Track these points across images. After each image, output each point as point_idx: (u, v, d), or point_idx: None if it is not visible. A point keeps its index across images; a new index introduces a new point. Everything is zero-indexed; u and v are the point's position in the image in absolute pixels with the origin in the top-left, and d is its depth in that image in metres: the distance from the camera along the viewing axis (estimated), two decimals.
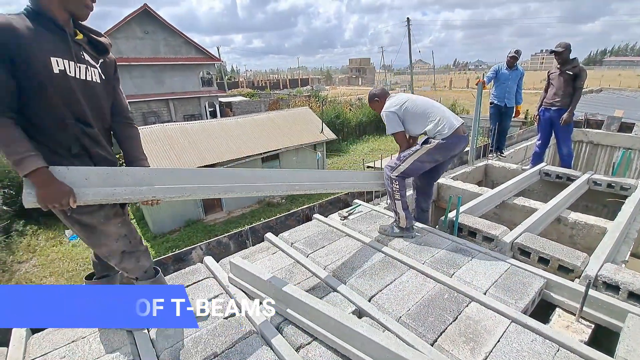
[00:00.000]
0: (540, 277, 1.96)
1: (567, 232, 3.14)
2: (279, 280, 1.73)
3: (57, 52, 1.16)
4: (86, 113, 1.27)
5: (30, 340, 1.61)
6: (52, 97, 1.17)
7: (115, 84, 1.45)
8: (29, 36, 1.09)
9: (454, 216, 2.71)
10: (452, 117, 2.41)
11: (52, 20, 1.17)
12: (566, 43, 3.96)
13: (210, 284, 1.98)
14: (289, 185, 2.04)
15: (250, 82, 49.47)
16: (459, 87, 44.28)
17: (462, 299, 1.78)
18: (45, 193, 1.11)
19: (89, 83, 1.28)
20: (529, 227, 2.60)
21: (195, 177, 1.57)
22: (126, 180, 1.33)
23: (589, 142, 7.13)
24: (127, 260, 1.46)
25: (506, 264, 2.09)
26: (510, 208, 3.48)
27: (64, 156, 1.24)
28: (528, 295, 1.80)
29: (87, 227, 1.33)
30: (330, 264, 2.15)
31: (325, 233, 2.60)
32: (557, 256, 2.19)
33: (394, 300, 1.79)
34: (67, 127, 1.22)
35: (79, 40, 1.27)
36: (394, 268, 2.08)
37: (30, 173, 1.08)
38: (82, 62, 1.25)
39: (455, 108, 19.01)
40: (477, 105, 4.58)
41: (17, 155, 1.07)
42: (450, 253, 2.23)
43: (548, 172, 4.11)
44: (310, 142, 11.81)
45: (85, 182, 1.23)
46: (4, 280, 7.92)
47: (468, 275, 1.98)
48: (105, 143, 1.39)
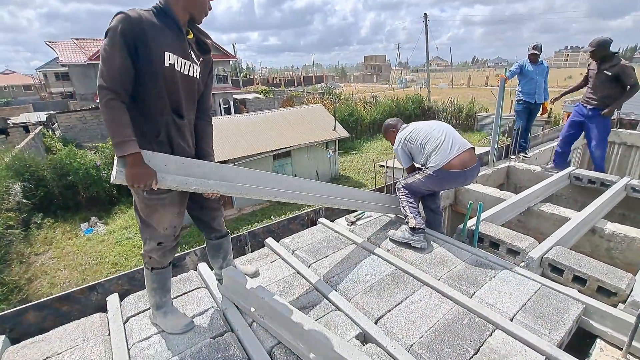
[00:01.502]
0: (578, 302, 1.68)
1: (602, 245, 2.81)
2: (273, 297, 1.53)
3: (171, 48, 1.29)
4: (182, 104, 1.39)
5: (5, 352, 1.49)
6: (160, 87, 1.29)
7: (209, 82, 1.56)
8: (153, 30, 1.24)
9: (473, 224, 2.45)
10: (449, 148, 2.22)
11: (174, 20, 1.31)
12: (599, 40, 3.52)
13: (201, 296, 1.81)
14: (328, 199, 2.06)
15: (265, 80, 49.58)
16: (478, 84, 42.91)
17: (484, 325, 1.54)
18: (135, 174, 1.21)
19: (190, 78, 1.40)
20: (561, 239, 2.31)
21: (252, 177, 1.64)
22: (197, 172, 1.41)
23: (621, 143, 6.61)
24: (157, 251, 1.47)
25: (536, 283, 1.82)
26: (536, 215, 3.16)
27: (150, 140, 1.34)
28: (564, 325, 1.53)
29: (150, 208, 1.39)
30: (333, 277, 1.94)
31: (330, 240, 2.38)
32: (596, 276, 1.90)
33: (404, 323, 1.56)
34: (163, 116, 1.34)
35: (189, 40, 1.40)
36: (405, 284, 1.85)
37: (127, 155, 1.19)
38: (188, 59, 1.37)
39: (473, 106, 18.27)
40: (498, 103, 4.24)
41: (120, 137, 1.18)
42: (469, 268, 1.98)
43: (579, 177, 3.74)
44: (322, 140, 11.58)
45: (165, 167, 1.31)
46: (22, 272, 8.13)
47: (491, 296, 1.72)
48: (188, 135, 1.48)
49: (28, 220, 9.67)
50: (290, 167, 11.16)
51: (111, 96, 1.18)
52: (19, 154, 9.97)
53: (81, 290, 1.80)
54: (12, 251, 8.04)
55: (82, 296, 1.80)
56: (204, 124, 1.59)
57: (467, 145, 2.29)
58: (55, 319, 1.74)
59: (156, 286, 1.51)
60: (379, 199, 2.54)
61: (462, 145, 2.27)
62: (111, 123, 1.19)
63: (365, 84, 55.42)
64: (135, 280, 1.94)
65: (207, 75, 1.53)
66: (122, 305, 1.78)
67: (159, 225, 1.42)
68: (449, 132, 2.32)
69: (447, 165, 2.19)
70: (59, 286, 7.35)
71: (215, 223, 1.69)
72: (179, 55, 1.32)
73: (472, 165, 2.25)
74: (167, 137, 1.37)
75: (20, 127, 14.69)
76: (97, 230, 9.58)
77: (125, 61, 1.19)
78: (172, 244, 1.50)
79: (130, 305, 1.76)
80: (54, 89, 28.68)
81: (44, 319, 1.72)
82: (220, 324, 1.59)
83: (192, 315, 1.65)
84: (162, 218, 1.41)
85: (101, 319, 1.68)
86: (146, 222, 1.42)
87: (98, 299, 1.84)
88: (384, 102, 19.79)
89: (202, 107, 1.56)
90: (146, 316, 1.66)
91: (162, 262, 1.50)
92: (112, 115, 1.19)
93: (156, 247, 1.45)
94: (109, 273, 7.50)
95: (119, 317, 1.67)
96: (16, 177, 9.48)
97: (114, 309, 1.72)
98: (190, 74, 1.39)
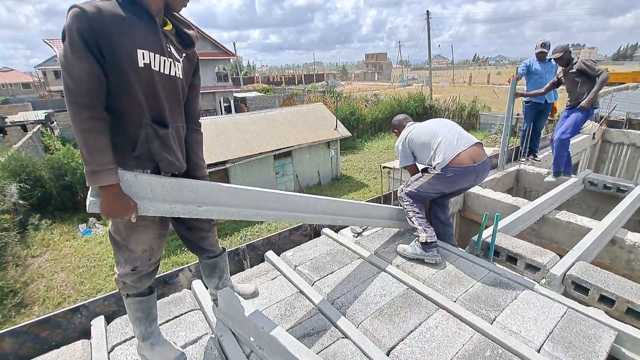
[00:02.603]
0: (609, 328, 1.52)
1: (622, 257, 2.65)
2: (271, 323, 1.37)
3: (144, 44, 1.07)
4: (164, 111, 1.18)
5: None
6: (134, 93, 1.08)
7: (195, 82, 1.35)
8: (118, 25, 1.02)
9: (487, 236, 2.29)
10: (454, 143, 2.06)
11: (144, 9, 1.09)
12: (563, 46, 3.61)
13: (195, 320, 1.65)
14: (334, 218, 1.89)
15: (266, 78, 49.31)
16: (479, 83, 42.62)
17: (509, 358, 1.38)
18: (110, 208, 1.06)
19: (172, 79, 1.19)
20: (582, 253, 2.15)
21: (251, 198, 1.45)
22: (187, 197, 1.25)
23: (630, 144, 6.45)
24: (131, 276, 1.28)
25: (562, 306, 1.66)
26: (551, 224, 3.00)
27: (123, 155, 1.13)
28: (598, 357, 1.37)
29: (129, 229, 1.21)
30: (339, 297, 1.78)
31: (335, 254, 2.22)
32: (625, 296, 1.75)
33: (420, 356, 1.40)
34: (140, 128, 1.13)
35: (167, 32, 1.17)
36: (419, 307, 1.69)
37: (103, 187, 1.03)
38: (167, 56, 1.15)
39: (475, 105, 18.06)
40: (509, 103, 4.06)
41: (97, 166, 1.01)
42: (487, 287, 1.81)
43: (594, 181, 3.58)
44: (323, 139, 11.41)
45: (149, 194, 1.16)
46: (18, 275, 8.00)
47: (514, 321, 1.56)
48: (176, 147, 1.25)
49: (25, 221, 9.52)
50: (291, 167, 11.01)
51: (87, 114, 0.98)
52: (15, 154, 9.82)
53: (63, 313, 1.64)
54: (7, 253, 7.90)
55: (64, 320, 1.64)
56: (193, 133, 1.38)
57: (474, 140, 2.12)
58: (34, 345, 1.58)
59: (140, 315, 1.33)
60: (394, 215, 2.37)
61: (468, 139, 2.10)
62: (86, 148, 0.99)
63: (367, 82, 55.13)
64: (122, 301, 1.78)
65: (191, 73, 1.32)
66: (107, 330, 1.62)
67: (137, 247, 1.23)
68: (453, 128, 2.18)
69: (456, 160, 2.01)
70: (55, 289, 7.21)
71: (205, 244, 1.50)
72: (155, 52, 1.10)
73: (482, 159, 2.07)
74: (148, 151, 1.16)
75: (18, 126, 14.53)
76: (96, 231, 9.44)
77: (92, 67, 0.98)
78: (148, 269, 1.31)
79: (116, 331, 1.60)
80: (53, 87, 28.48)
81: (21, 346, 1.56)
82: (214, 354, 1.44)
83: (183, 344, 1.50)
84: (141, 239, 1.23)
85: (84, 347, 1.53)
86: (121, 244, 1.23)
87: (82, 322, 1.68)
88: (385, 100, 19.59)
89: (188, 113, 1.34)
90: (133, 344, 1.50)
91: (137, 287, 1.31)
92: (88, 138, 0.99)
93: (130, 272, 1.26)
94: (107, 276, 7.36)
95: (104, 345, 1.51)
96: (12, 178, 9.33)
97: (99, 336, 1.56)
98: (171, 73, 1.17)
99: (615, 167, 6.71)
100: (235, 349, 1.44)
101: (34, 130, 13.89)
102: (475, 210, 3.55)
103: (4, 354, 1.51)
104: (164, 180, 1.18)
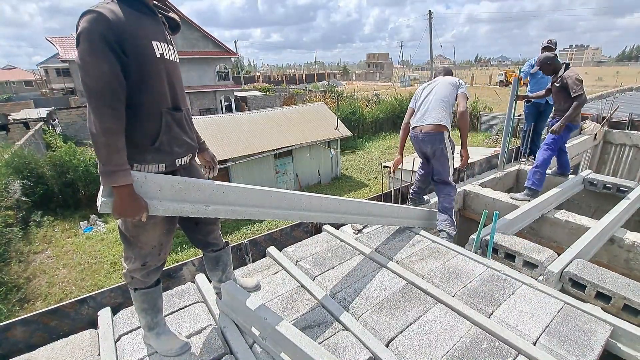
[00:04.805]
0: (605, 323, 1.56)
1: (621, 256, 2.67)
2: (274, 315, 1.41)
3: (155, 36, 1.13)
4: (177, 96, 1.24)
5: None
6: (155, 83, 1.13)
7: None
8: (133, 22, 1.06)
9: (486, 234, 2.32)
10: (424, 114, 2.53)
11: (143, 3, 1.14)
12: (540, 58, 3.49)
13: (199, 312, 1.69)
14: (340, 216, 1.93)
15: (267, 77, 49.32)
16: (481, 83, 42.58)
17: (506, 350, 1.41)
18: (124, 208, 1.08)
19: (175, 63, 1.25)
20: (580, 251, 2.18)
21: (258, 197, 1.47)
22: (195, 197, 1.27)
23: (633, 145, 6.46)
24: (140, 271, 1.32)
25: (558, 302, 1.69)
26: (550, 223, 3.03)
27: (144, 150, 1.16)
28: (592, 351, 1.40)
29: (139, 227, 1.24)
30: (340, 291, 1.82)
31: (336, 250, 2.26)
32: (621, 293, 1.78)
33: (418, 347, 1.43)
34: (161, 116, 1.16)
35: (162, 20, 1.23)
36: (418, 301, 1.73)
37: (117, 187, 1.05)
38: (168, 43, 1.20)
39: (477, 106, 18.05)
40: (510, 104, 4.09)
41: (112, 167, 1.02)
42: (485, 283, 1.85)
43: (594, 182, 3.60)
44: (324, 139, 11.44)
45: (159, 193, 1.18)
46: (20, 271, 8.05)
47: (511, 316, 1.60)
48: (188, 127, 1.32)
49: (27, 218, 9.58)
50: (291, 166, 11.04)
51: (110, 114, 1.00)
52: (18, 151, 9.88)
53: (71, 304, 1.68)
54: (11, 249, 7.95)
55: (71, 310, 1.68)
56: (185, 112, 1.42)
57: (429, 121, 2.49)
58: (43, 334, 1.63)
59: (146, 307, 1.38)
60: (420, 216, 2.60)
61: (429, 119, 2.50)
62: (105, 148, 1.01)
63: (368, 82, 55.10)
64: (129, 293, 1.82)
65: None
66: (114, 320, 1.66)
67: (146, 243, 1.27)
68: (433, 100, 2.54)
69: (416, 128, 2.58)
70: (57, 286, 7.26)
71: (210, 237, 1.55)
72: (162, 41, 1.16)
73: (426, 130, 2.49)
74: (168, 139, 1.20)
75: (20, 124, 14.60)
76: (97, 228, 9.49)
77: (114, 68, 1.00)
78: (157, 264, 1.35)
79: (122, 321, 1.64)
80: (55, 85, 28.57)
81: (31, 334, 1.60)
82: (218, 344, 1.47)
83: (188, 334, 1.53)
84: (151, 236, 1.27)
85: (91, 336, 1.57)
86: (131, 241, 1.27)
87: (89, 313, 1.72)
88: (386, 100, 19.61)
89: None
90: (139, 334, 1.54)
91: (145, 282, 1.36)
92: (109, 138, 1.00)
93: (140, 267, 1.30)
94: (108, 273, 7.41)
95: (110, 334, 1.55)
96: (15, 175, 9.39)
97: (105, 326, 1.60)
98: (174, 58, 1.23)
99: (616, 169, 6.72)
100: (238, 339, 1.48)
101: (36, 128, 13.97)
102: (475, 209, 3.58)
103: (16, 341, 1.55)
104: (173, 179, 1.22)
